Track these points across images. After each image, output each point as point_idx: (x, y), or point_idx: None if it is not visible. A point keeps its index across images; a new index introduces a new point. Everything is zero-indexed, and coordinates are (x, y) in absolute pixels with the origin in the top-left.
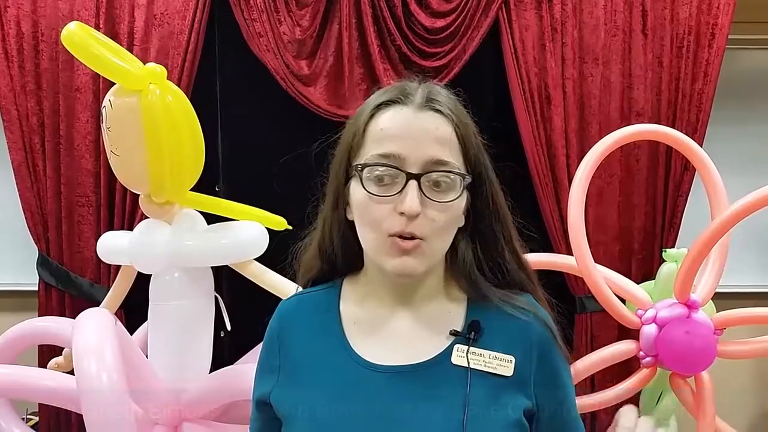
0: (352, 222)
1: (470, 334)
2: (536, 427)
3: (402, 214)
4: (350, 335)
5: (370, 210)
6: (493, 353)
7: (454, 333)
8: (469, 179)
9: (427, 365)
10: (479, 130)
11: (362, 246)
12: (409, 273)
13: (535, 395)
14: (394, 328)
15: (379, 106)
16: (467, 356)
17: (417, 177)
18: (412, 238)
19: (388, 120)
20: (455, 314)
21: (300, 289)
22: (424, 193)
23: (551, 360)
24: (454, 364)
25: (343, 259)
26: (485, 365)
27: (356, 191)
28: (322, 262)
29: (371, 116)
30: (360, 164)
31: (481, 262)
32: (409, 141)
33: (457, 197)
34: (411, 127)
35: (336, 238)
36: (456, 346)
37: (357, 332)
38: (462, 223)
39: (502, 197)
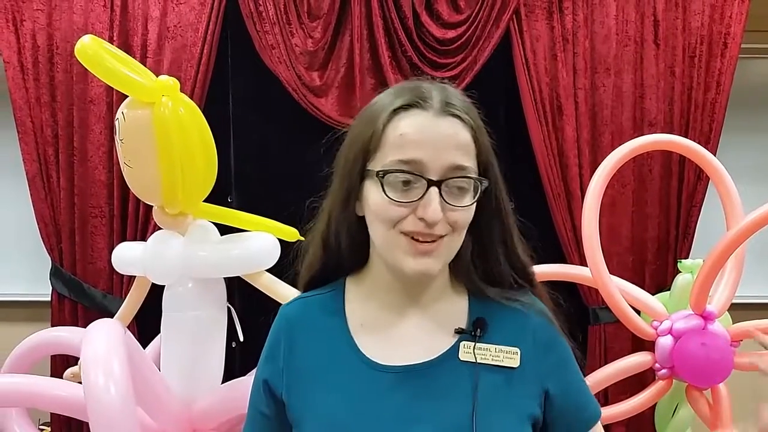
0: (361, 217)
1: (475, 331)
2: (550, 414)
3: (422, 219)
4: (357, 337)
5: (388, 212)
6: (498, 346)
7: (459, 331)
8: (485, 183)
9: (434, 363)
10: (489, 132)
11: (374, 243)
12: (429, 273)
13: (545, 384)
14: (400, 329)
15: (397, 110)
16: (474, 352)
17: (438, 183)
18: (432, 241)
19: (408, 126)
20: (459, 311)
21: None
22: (443, 199)
23: (555, 347)
24: (462, 360)
25: (350, 253)
26: (492, 359)
27: (373, 192)
28: (327, 258)
29: (389, 120)
30: (381, 170)
31: (475, 259)
32: (430, 147)
33: (474, 200)
34: (432, 133)
35: (344, 234)
36: (462, 344)
37: (364, 334)
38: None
39: (506, 196)
